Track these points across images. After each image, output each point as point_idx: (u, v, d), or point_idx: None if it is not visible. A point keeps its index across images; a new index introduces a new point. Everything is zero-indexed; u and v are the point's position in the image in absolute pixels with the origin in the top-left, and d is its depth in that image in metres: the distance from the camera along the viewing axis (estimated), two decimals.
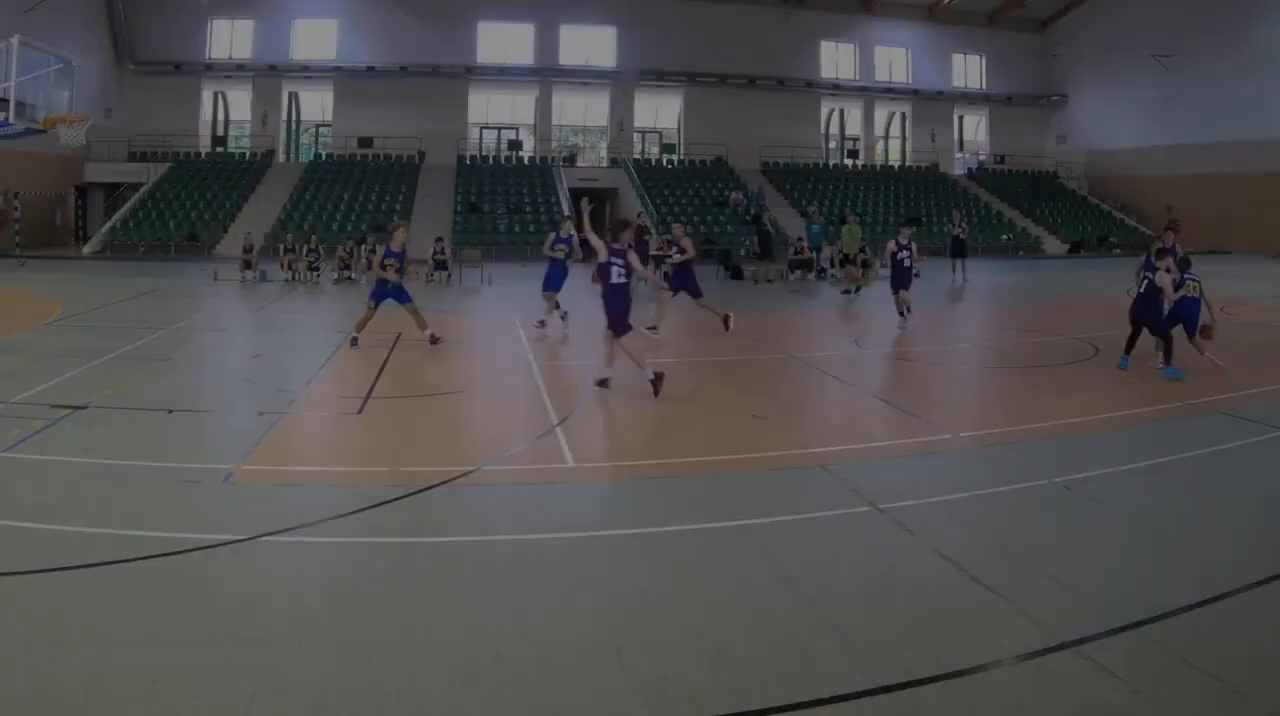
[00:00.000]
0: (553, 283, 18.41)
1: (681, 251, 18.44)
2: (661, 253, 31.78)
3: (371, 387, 12.87)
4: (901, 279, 19.02)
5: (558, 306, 18.44)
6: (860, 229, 31.07)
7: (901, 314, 18.81)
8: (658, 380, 12.04)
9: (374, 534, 7.28)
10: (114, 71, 47.67)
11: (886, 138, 59.64)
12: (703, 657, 5.32)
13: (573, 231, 19.10)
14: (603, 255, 12.81)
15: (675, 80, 53.39)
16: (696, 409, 12.08)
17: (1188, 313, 14.03)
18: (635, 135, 54.88)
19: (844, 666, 5.24)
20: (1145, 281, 14.11)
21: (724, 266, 33.89)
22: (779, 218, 41.73)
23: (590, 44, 53.04)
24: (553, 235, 19.58)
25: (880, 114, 58.74)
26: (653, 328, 17.26)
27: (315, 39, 50.35)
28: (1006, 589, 6.29)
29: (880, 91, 57.12)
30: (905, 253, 19.03)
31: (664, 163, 53.40)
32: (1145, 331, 14.13)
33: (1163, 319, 13.93)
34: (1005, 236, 46.32)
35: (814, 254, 32.63)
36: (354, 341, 15.77)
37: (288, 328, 17.99)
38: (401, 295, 16.37)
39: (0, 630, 5.47)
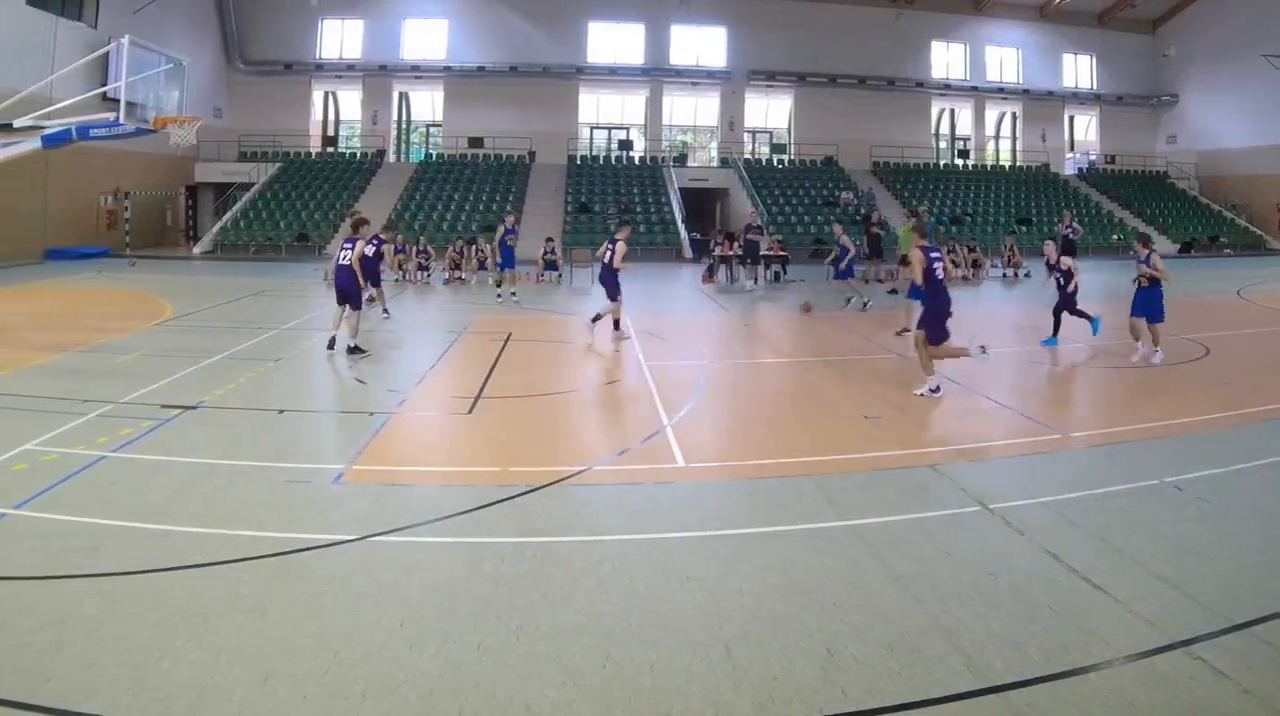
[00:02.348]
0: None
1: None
2: (773, 253, 31.87)
3: (482, 387, 13.07)
4: (617, 287, 17.66)
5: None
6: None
7: (617, 326, 17.71)
8: (356, 349, 15.05)
9: (483, 534, 7.40)
10: (224, 72, 48.96)
11: (997, 137, 58.68)
12: (813, 657, 5.36)
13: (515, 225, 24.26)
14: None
15: (785, 80, 53.09)
16: (807, 409, 12.10)
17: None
18: (745, 135, 54.72)
19: (954, 666, 5.26)
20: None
21: (833, 266, 33.65)
22: (889, 217, 41.24)
23: (700, 44, 52.97)
24: (502, 228, 23.77)
25: (991, 114, 57.78)
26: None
27: (425, 39, 51.02)
28: (1116, 589, 6.26)
29: (991, 91, 56.14)
30: (609, 252, 17.65)
31: (774, 163, 53.02)
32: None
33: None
34: (1116, 236, 45.24)
35: None
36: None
37: (398, 328, 18.22)
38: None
39: (111, 631, 5.62)
